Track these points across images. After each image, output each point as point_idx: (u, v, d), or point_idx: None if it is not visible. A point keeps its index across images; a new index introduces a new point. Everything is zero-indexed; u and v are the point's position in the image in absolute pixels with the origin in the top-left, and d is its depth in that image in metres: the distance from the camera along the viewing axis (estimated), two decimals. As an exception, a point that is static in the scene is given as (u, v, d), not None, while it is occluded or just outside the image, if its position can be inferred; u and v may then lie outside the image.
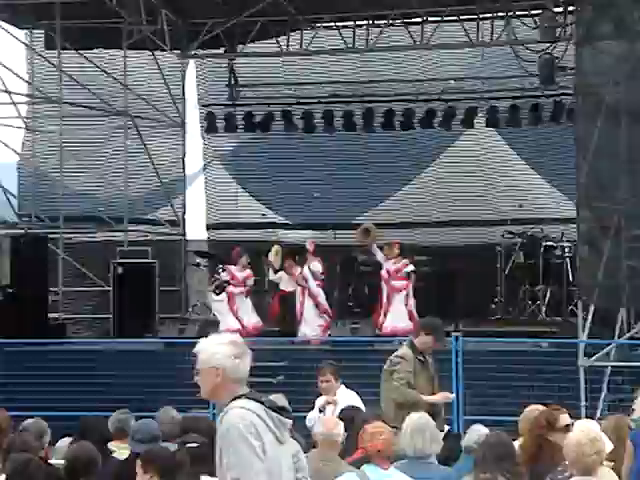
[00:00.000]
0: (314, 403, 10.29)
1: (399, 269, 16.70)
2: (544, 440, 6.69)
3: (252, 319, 16.88)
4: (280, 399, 8.57)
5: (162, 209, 22.32)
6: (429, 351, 9.61)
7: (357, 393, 10.25)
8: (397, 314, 16.34)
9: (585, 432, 6.05)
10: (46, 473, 6.21)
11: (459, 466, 7.56)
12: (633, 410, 7.29)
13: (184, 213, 22.46)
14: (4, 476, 6.17)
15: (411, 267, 16.82)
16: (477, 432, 7.51)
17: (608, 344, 13.85)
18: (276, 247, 17.92)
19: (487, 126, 21.48)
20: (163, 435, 7.49)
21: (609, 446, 6.48)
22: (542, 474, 6.39)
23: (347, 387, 10.25)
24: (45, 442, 7.46)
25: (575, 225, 15.45)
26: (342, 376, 13.37)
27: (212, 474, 6.54)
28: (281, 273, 17.51)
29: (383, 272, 16.76)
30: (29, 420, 7.64)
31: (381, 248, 17.02)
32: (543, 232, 20.05)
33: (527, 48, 19.12)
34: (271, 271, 17.81)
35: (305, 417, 9.95)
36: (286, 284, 17.54)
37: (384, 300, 16.67)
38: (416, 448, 6.72)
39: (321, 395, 10.20)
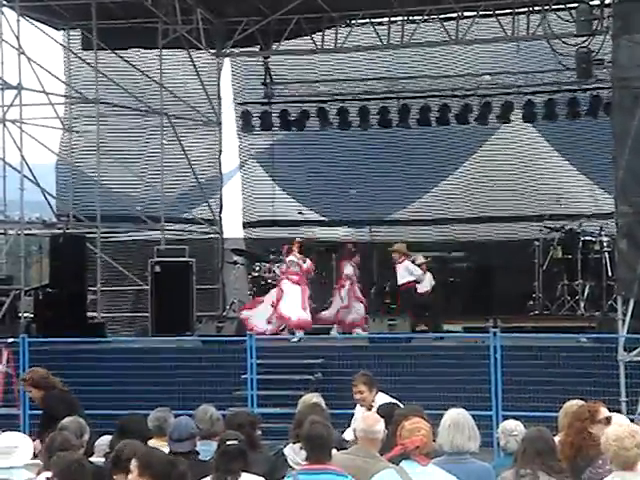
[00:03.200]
0: (352, 405, 9.92)
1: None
2: (587, 432, 6.63)
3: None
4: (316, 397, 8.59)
5: (199, 208, 22.38)
6: None
7: (393, 397, 9.81)
8: None
9: (624, 426, 6.01)
10: (93, 472, 6.23)
11: (498, 462, 7.52)
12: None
13: (220, 211, 22.50)
14: (48, 473, 6.18)
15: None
16: (511, 429, 7.44)
17: (648, 339, 13.73)
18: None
19: (524, 121, 21.39)
20: (201, 433, 7.50)
21: None
22: (582, 468, 6.34)
23: (385, 393, 9.80)
24: (85, 440, 7.48)
25: (613, 219, 15.33)
26: (380, 373, 13.34)
27: (250, 471, 6.56)
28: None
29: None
30: (68, 418, 7.66)
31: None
32: (581, 227, 19.93)
33: (563, 42, 18.99)
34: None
35: (342, 414, 9.84)
36: None
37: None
38: (453, 444, 6.68)
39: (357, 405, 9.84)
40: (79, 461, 6.15)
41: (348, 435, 8.39)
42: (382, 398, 9.39)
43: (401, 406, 8.24)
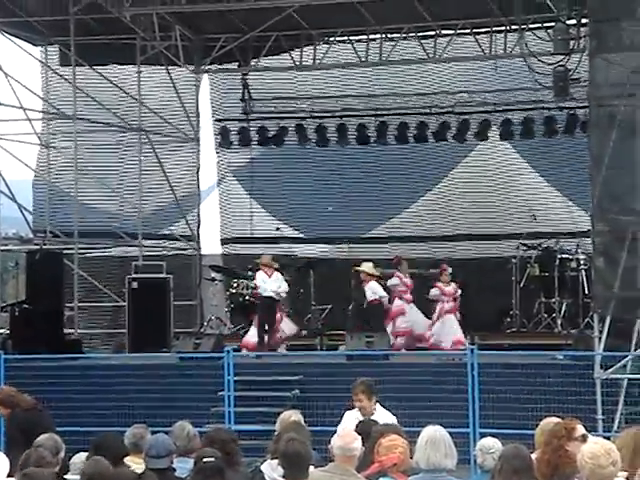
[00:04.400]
0: (337, 417, 9.84)
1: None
2: (563, 450, 6.64)
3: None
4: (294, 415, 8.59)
5: (176, 224, 22.36)
6: None
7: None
8: None
9: (600, 443, 6.01)
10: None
11: (475, 479, 7.53)
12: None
13: (198, 228, 22.48)
14: None
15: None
16: (488, 445, 7.45)
17: (624, 356, 13.78)
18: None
19: (501, 139, 21.49)
20: (178, 450, 7.48)
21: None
22: (559, 487, 6.35)
23: (382, 406, 9.64)
24: (60, 458, 7.44)
25: (590, 237, 15.40)
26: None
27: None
28: None
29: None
30: (44, 435, 7.62)
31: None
32: (558, 244, 20.01)
33: (540, 60, 19.07)
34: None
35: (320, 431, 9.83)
36: None
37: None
38: (430, 461, 6.68)
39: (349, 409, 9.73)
40: (51, 478, 6.12)
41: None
42: (380, 411, 9.39)
43: (395, 424, 8.21)
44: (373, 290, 17.66)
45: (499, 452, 6.84)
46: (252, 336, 17.54)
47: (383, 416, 9.34)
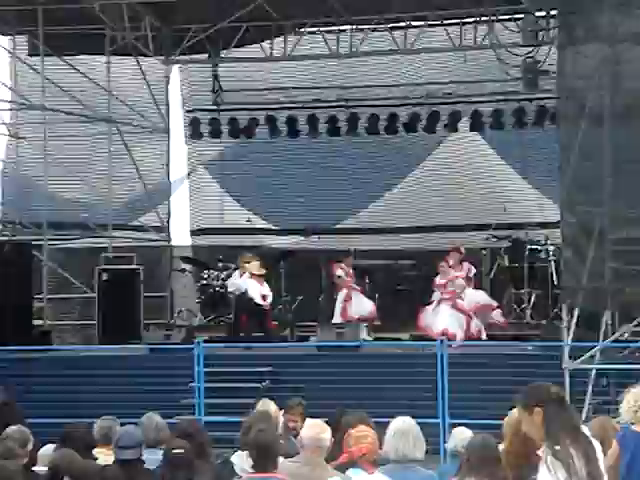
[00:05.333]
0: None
1: None
2: (532, 441, 6.66)
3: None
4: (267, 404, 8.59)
5: (147, 215, 22.27)
6: None
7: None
8: None
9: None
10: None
11: (444, 469, 7.57)
12: (620, 412, 7.30)
13: (169, 219, 22.42)
14: None
15: None
16: (462, 435, 7.50)
17: (593, 347, 13.88)
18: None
19: (471, 130, 21.55)
20: (147, 441, 7.47)
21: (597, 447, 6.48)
22: (526, 477, 6.38)
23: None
24: (28, 449, 7.42)
25: (559, 228, 15.48)
26: (329, 381, 13.41)
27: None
28: None
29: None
30: (12, 427, 7.60)
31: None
32: (527, 235, 20.10)
33: (510, 52, 19.16)
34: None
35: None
36: None
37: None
38: (399, 452, 6.71)
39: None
40: (18, 470, 6.10)
41: None
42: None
43: (364, 414, 8.19)
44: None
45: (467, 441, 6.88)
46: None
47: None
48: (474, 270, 17.61)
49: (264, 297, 17.27)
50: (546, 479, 4.92)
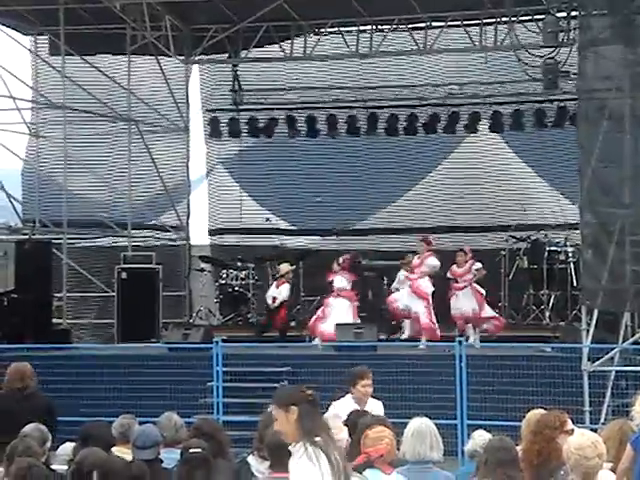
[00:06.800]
0: (326, 408, 9.82)
1: None
2: (554, 441, 6.64)
3: None
4: None
5: (166, 214, 22.32)
6: None
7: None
8: None
9: (586, 435, 6.03)
10: (49, 478, 6.20)
11: (462, 471, 7.56)
12: (632, 416, 7.26)
13: (188, 218, 22.45)
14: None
15: None
16: (481, 437, 7.49)
17: (612, 349, 13.82)
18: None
19: (491, 131, 21.51)
20: (165, 440, 7.48)
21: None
22: (545, 478, 6.37)
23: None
24: (47, 448, 7.44)
25: (579, 229, 15.43)
26: (344, 381, 13.31)
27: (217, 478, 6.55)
28: None
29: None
30: (30, 425, 7.61)
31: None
32: (547, 237, 20.04)
33: (530, 53, 19.11)
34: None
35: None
36: None
37: None
38: (416, 453, 6.71)
39: (339, 399, 9.55)
40: (35, 466, 6.12)
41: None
42: (372, 400, 9.39)
43: (382, 415, 8.20)
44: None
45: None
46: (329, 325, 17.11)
47: (375, 406, 9.37)
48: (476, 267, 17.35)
49: (274, 299, 17.34)
50: (309, 469, 5.04)
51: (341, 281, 17.25)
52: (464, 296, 17.02)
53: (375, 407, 9.26)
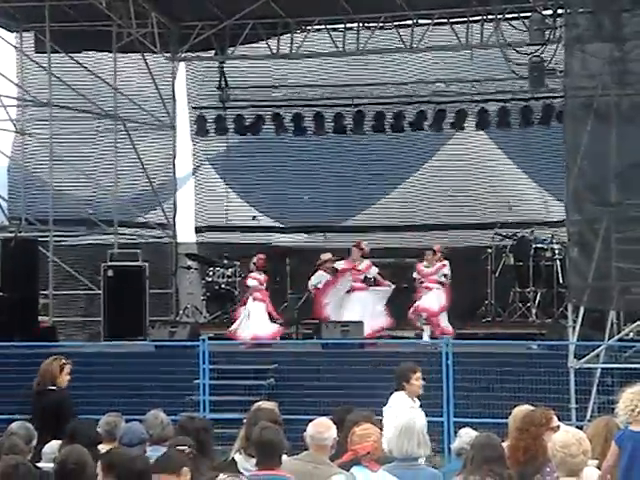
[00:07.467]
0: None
1: None
2: (540, 438, 6.66)
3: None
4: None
5: (152, 212, 22.28)
6: None
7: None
8: None
9: (571, 433, 6.05)
10: (36, 476, 6.19)
11: (449, 468, 7.57)
12: (617, 413, 7.29)
13: (174, 216, 22.42)
14: None
15: None
16: (468, 435, 7.51)
17: (598, 346, 13.85)
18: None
19: (477, 128, 21.55)
20: (151, 438, 7.47)
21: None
22: (531, 475, 6.39)
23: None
24: (32, 446, 7.43)
25: (565, 227, 15.46)
26: (334, 379, 13.41)
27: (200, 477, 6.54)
28: None
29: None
30: (17, 423, 7.61)
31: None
32: (533, 234, 20.08)
33: (517, 51, 19.12)
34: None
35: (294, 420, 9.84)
36: None
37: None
38: (403, 450, 6.71)
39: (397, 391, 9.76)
40: (22, 464, 6.11)
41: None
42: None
43: (368, 412, 8.22)
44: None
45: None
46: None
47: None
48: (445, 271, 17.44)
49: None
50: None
51: (252, 281, 17.13)
52: (434, 294, 17.09)
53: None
